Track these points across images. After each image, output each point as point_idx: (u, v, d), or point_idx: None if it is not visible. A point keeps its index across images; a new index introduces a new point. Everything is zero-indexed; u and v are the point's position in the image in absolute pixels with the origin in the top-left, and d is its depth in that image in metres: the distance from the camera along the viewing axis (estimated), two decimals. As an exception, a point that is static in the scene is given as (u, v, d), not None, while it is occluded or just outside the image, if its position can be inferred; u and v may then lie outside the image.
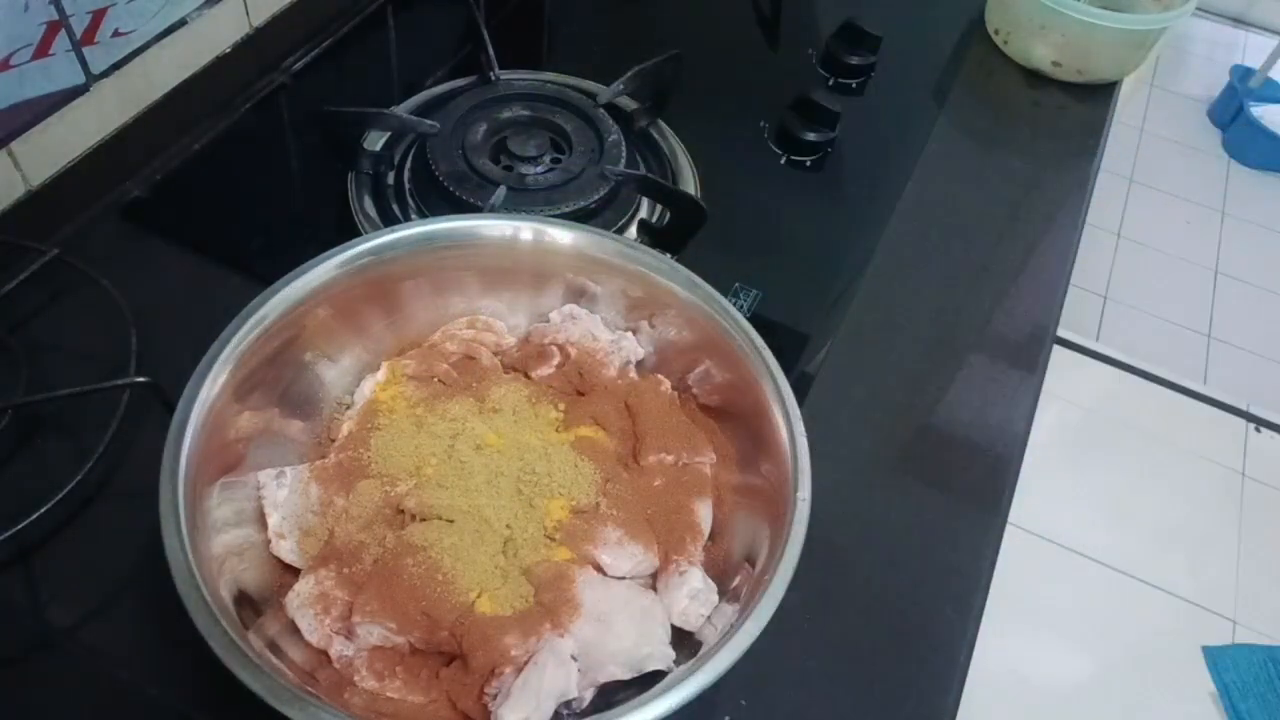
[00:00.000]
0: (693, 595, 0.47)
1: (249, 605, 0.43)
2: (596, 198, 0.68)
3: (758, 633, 0.41)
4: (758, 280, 0.68)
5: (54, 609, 0.50)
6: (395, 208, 0.69)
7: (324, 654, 0.44)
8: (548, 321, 0.57)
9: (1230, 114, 2.44)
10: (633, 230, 0.71)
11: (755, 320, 0.52)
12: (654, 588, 0.49)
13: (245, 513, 0.47)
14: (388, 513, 0.48)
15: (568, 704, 0.44)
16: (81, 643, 0.49)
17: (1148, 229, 2.22)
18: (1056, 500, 1.63)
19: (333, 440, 0.52)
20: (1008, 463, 0.63)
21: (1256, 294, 2.11)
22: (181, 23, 0.73)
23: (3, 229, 0.63)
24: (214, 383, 0.45)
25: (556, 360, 0.56)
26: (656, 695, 0.39)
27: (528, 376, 0.56)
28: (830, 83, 0.87)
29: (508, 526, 0.48)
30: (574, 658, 0.44)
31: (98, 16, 0.65)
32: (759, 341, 0.51)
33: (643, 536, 0.49)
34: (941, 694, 0.52)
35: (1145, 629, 1.54)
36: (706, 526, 0.51)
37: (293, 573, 0.47)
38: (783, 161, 0.79)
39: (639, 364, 0.57)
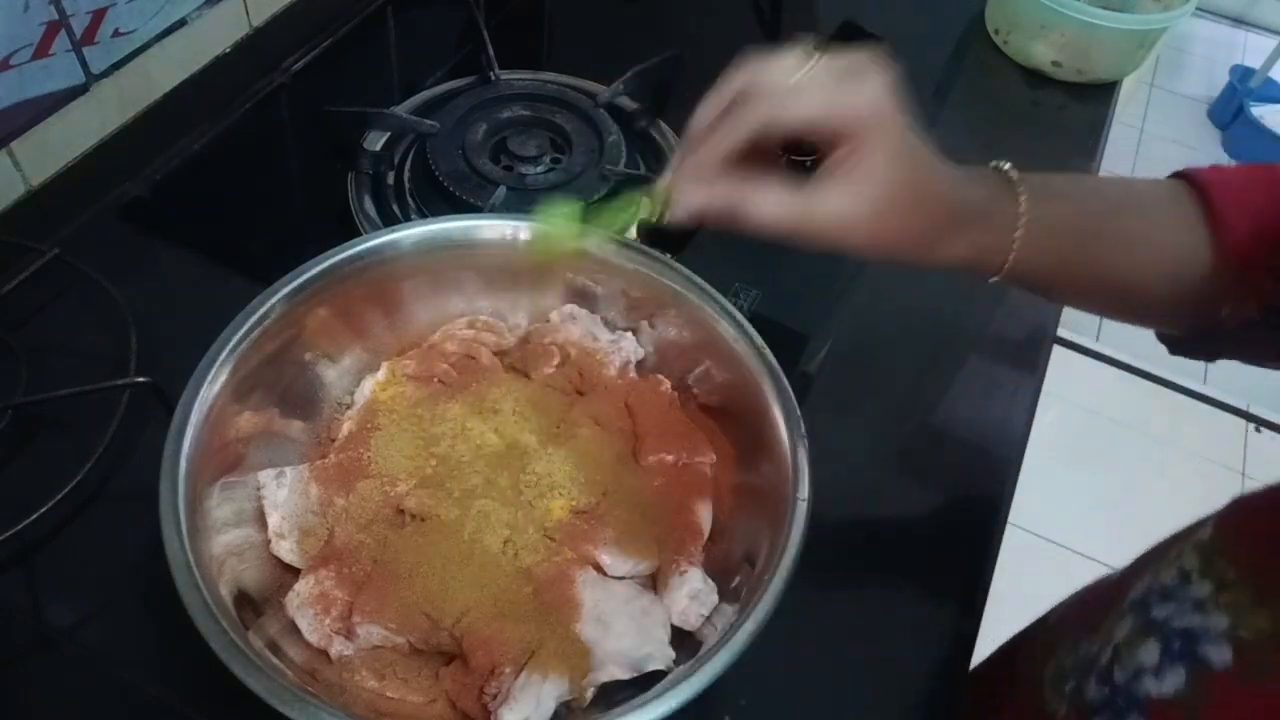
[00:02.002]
0: (693, 595, 0.47)
1: (249, 605, 0.43)
2: (596, 197, 0.68)
3: (757, 632, 0.41)
4: (757, 280, 0.68)
5: (54, 609, 0.50)
6: (395, 208, 0.69)
7: (324, 654, 0.44)
8: (548, 321, 0.57)
9: (1230, 114, 2.44)
10: (632, 230, 0.71)
11: (755, 320, 0.52)
12: (654, 588, 0.49)
13: (245, 513, 0.47)
14: (387, 513, 0.48)
15: (568, 704, 0.44)
16: (82, 643, 0.49)
17: (1148, 229, 2.22)
18: (1057, 500, 1.63)
19: (333, 440, 0.52)
20: (1008, 463, 0.63)
21: (1256, 293, 2.11)
22: (181, 23, 0.73)
23: (2, 229, 0.64)
24: (214, 383, 0.45)
25: (556, 360, 0.56)
26: (656, 695, 0.39)
27: (528, 376, 0.56)
28: (830, 83, 0.87)
29: (508, 526, 0.48)
30: (574, 658, 0.44)
31: (98, 17, 0.65)
32: (759, 341, 0.50)
33: (643, 536, 0.49)
34: (941, 692, 0.52)
35: (1145, 629, 1.53)
36: (706, 526, 0.51)
37: (293, 573, 0.47)
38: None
39: (639, 364, 0.57)
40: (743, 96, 0.39)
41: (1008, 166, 0.44)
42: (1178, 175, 0.48)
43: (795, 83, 0.39)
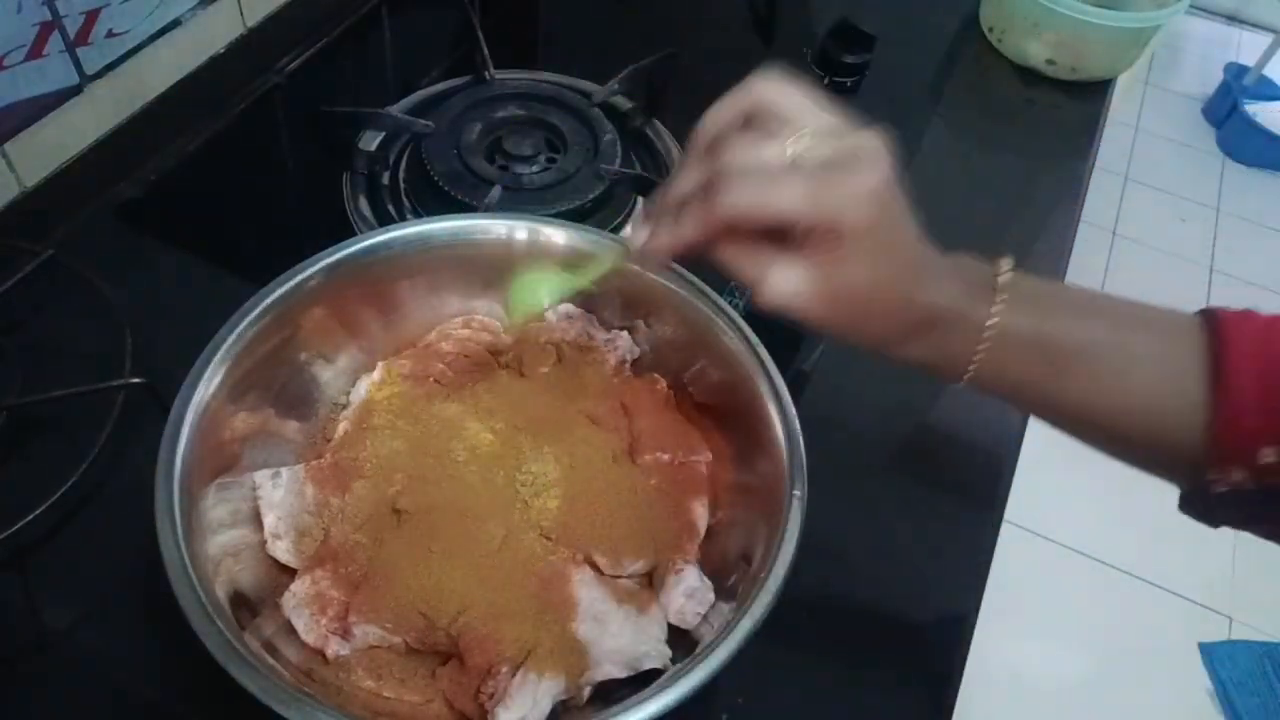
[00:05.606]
0: (689, 594, 0.47)
1: (245, 606, 0.43)
2: (591, 197, 0.68)
3: (754, 630, 0.41)
4: (753, 279, 0.68)
5: (50, 610, 0.50)
6: (390, 208, 0.69)
7: (320, 654, 0.44)
8: (543, 321, 0.57)
9: (1225, 112, 2.44)
10: (628, 230, 0.71)
11: (750, 318, 0.52)
12: (650, 586, 0.49)
13: (241, 513, 0.47)
14: (383, 512, 0.48)
15: (564, 703, 0.44)
16: (78, 644, 0.49)
17: (1143, 226, 2.22)
18: (1052, 497, 1.63)
19: (328, 440, 0.52)
20: (1003, 460, 0.63)
21: (1251, 291, 2.12)
22: (175, 23, 0.72)
23: (-3, 230, 0.63)
24: (209, 383, 0.45)
25: (552, 359, 0.56)
26: (653, 694, 0.39)
27: (523, 376, 0.56)
28: (825, 81, 0.87)
29: (504, 526, 0.48)
30: (570, 656, 0.44)
31: (91, 17, 0.65)
32: (754, 340, 0.51)
33: (639, 535, 0.49)
34: (938, 690, 0.52)
35: (1142, 626, 1.54)
36: (703, 525, 0.51)
37: (289, 573, 0.47)
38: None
39: (634, 363, 0.57)
40: (722, 176, 0.36)
41: (1005, 268, 0.40)
42: (1205, 313, 0.41)
43: (779, 169, 0.36)
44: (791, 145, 0.36)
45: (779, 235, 0.37)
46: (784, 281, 0.37)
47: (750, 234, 0.37)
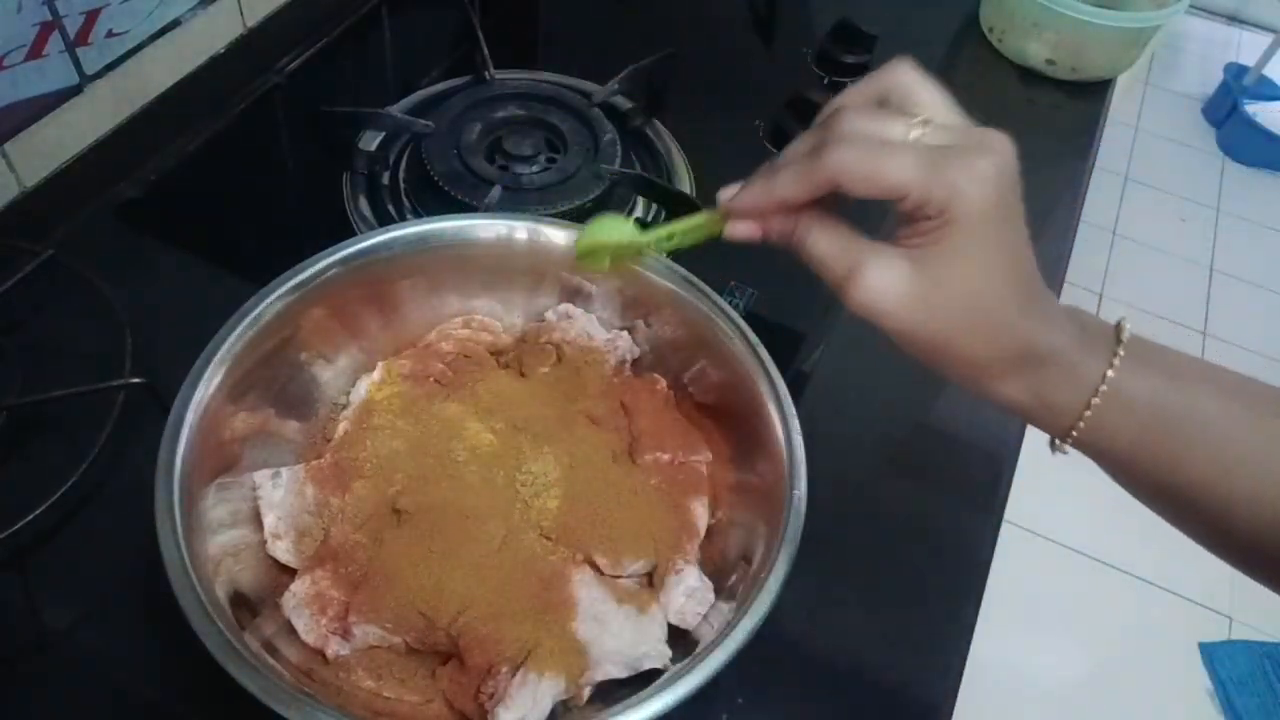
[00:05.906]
0: (689, 594, 0.47)
1: (245, 606, 0.43)
2: (592, 197, 0.68)
3: (754, 630, 0.41)
4: (753, 279, 0.68)
5: (50, 610, 0.50)
6: (390, 207, 0.69)
7: (320, 654, 0.44)
8: (543, 320, 0.57)
9: (1225, 112, 2.44)
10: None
11: (751, 319, 0.52)
12: (650, 586, 0.49)
13: (241, 513, 0.47)
14: (383, 512, 0.48)
15: (565, 702, 0.44)
16: (78, 644, 0.49)
17: (1143, 226, 2.22)
18: (1053, 497, 1.63)
19: (328, 440, 0.52)
20: (1003, 459, 0.63)
21: (1251, 291, 2.12)
22: (175, 23, 0.72)
23: (-3, 230, 0.63)
24: (209, 383, 0.45)
25: (552, 359, 0.56)
26: (653, 693, 0.39)
27: (524, 375, 0.56)
28: (825, 81, 0.87)
29: (504, 526, 0.48)
30: (570, 656, 0.44)
31: (91, 17, 0.65)
32: (754, 340, 0.51)
33: (639, 535, 0.49)
34: (938, 690, 0.52)
35: (1142, 625, 1.54)
36: (703, 525, 0.51)
37: (289, 573, 0.47)
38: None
39: (635, 363, 0.57)
40: (835, 137, 0.33)
41: (1127, 325, 0.36)
42: None
43: (897, 140, 0.33)
44: (916, 129, 0.34)
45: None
46: (880, 277, 0.34)
47: (845, 224, 0.35)
